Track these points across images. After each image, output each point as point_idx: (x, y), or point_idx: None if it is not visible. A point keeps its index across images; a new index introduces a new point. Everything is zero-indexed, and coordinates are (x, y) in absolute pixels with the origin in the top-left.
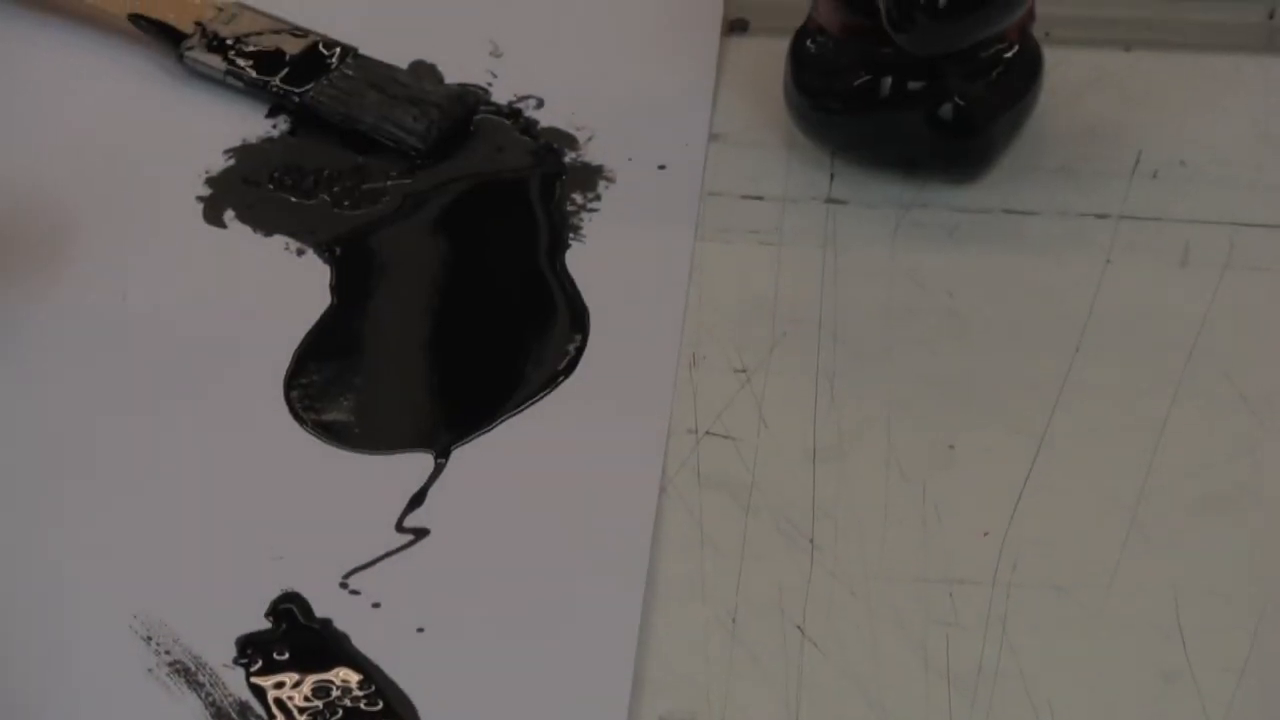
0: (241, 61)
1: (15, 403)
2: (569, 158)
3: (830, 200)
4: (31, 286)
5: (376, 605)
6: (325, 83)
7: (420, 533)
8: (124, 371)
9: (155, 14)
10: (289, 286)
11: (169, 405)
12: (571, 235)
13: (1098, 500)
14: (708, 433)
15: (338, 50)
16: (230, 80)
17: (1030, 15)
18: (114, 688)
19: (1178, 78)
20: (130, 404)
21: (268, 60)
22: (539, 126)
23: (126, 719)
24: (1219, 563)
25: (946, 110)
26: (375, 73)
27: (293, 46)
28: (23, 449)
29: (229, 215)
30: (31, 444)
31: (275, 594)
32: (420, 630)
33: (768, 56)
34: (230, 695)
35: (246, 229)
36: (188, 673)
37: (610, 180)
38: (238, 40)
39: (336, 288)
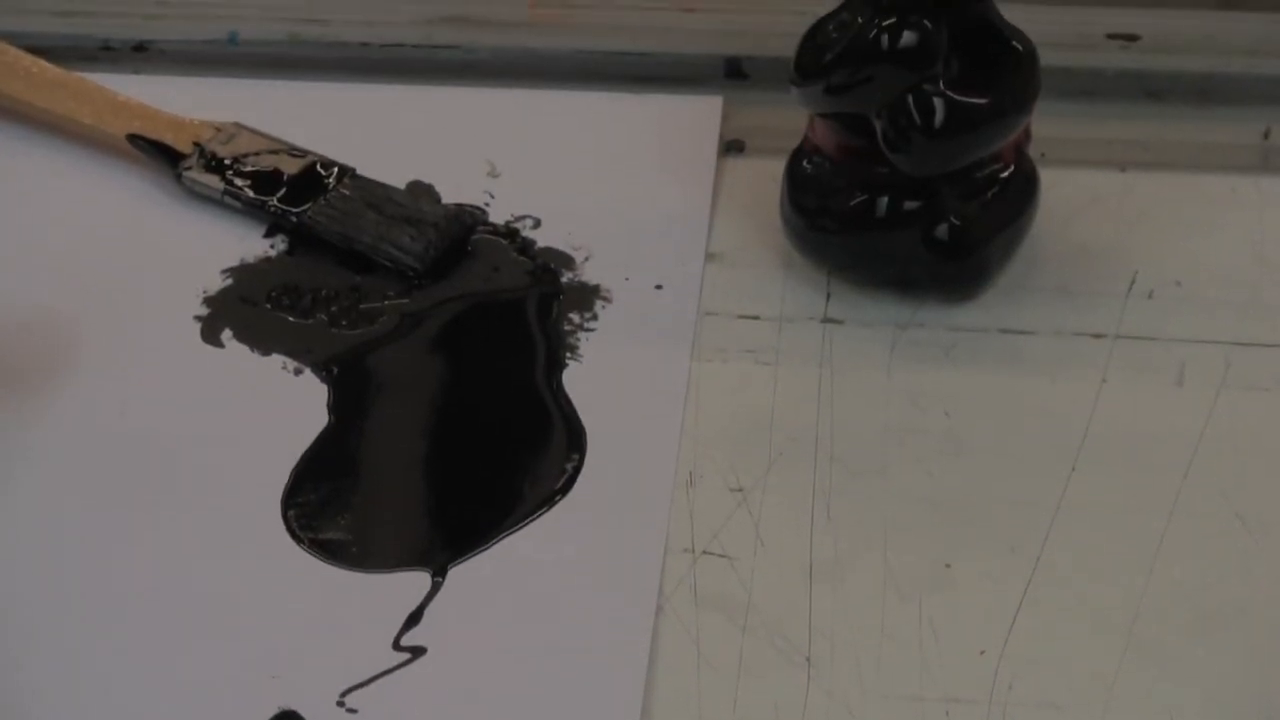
0: (239, 181)
1: (13, 518)
2: (566, 277)
3: (827, 320)
4: (30, 405)
5: None
6: (323, 203)
7: (417, 651)
8: (122, 489)
9: (153, 134)
10: (286, 406)
11: (166, 523)
12: (568, 355)
13: (1094, 619)
14: (704, 552)
15: (335, 170)
16: (228, 200)
17: (1026, 136)
18: None
19: (1173, 198)
20: (127, 522)
21: (265, 180)
22: (536, 246)
23: None
24: (1215, 682)
25: (942, 230)
26: (372, 193)
27: (290, 166)
28: (19, 565)
29: (226, 335)
30: (28, 560)
31: (273, 712)
32: None
33: (764, 177)
34: None
35: (244, 348)
36: None
37: (607, 300)
38: (235, 160)
39: (334, 407)
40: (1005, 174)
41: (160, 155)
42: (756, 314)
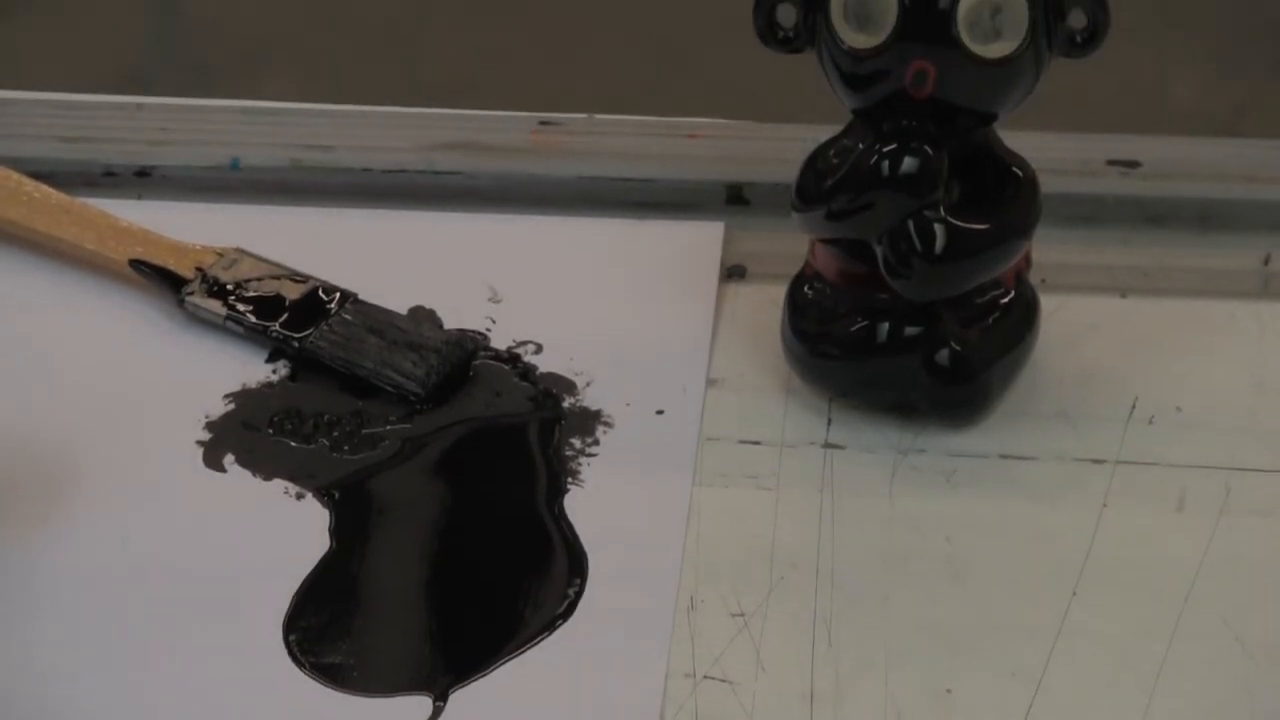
0: (241, 307)
1: (12, 646)
2: (567, 403)
3: (828, 445)
4: (32, 531)
5: None
6: (325, 328)
7: None
8: (124, 615)
9: (156, 260)
10: (288, 530)
11: (169, 649)
12: (570, 480)
13: None
14: (705, 676)
15: (337, 295)
16: (230, 325)
17: (1026, 262)
18: None
19: (1173, 324)
20: (130, 648)
21: (268, 305)
22: (537, 372)
23: None
24: None
25: (943, 356)
26: (374, 318)
27: (292, 292)
28: (22, 692)
29: (229, 460)
30: (30, 688)
31: None
32: None
33: (765, 302)
34: None
35: (246, 473)
36: None
37: (609, 425)
38: (238, 285)
39: (336, 531)
40: (1006, 299)
41: (162, 281)
42: (758, 439)
